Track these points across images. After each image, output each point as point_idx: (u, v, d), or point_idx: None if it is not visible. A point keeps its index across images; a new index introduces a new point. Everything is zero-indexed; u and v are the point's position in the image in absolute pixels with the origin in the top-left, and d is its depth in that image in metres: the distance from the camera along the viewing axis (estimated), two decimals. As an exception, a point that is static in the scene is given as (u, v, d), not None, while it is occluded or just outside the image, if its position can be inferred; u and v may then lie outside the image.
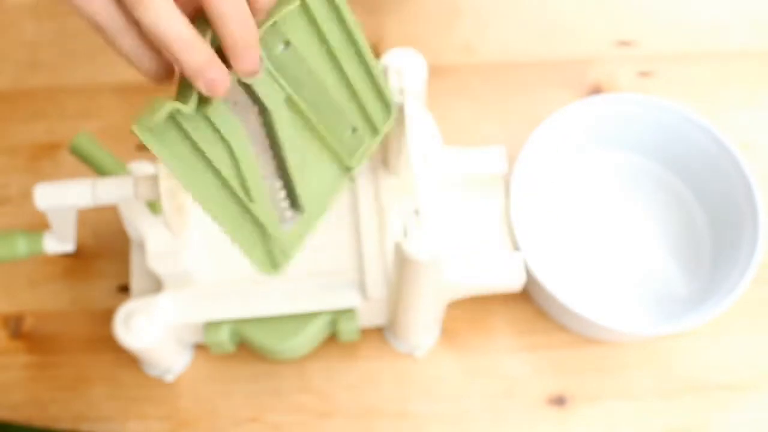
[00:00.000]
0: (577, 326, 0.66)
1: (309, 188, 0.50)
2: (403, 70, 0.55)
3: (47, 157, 0.73)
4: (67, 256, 0.70)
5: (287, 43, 0.46)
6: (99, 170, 0.57)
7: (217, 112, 0.43)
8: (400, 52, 0.56)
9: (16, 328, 0.68)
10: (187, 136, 0.43)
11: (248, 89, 0.45)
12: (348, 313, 0.61)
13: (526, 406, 0.65)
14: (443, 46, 0.77)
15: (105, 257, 0.70)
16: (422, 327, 0.63)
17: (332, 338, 0.66)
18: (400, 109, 0.55)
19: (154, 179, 0.52)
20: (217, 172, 0.45)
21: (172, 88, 0.42)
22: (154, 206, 0.58)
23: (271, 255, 0.50)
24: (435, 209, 0.52)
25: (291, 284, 0.60)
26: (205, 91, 0.41)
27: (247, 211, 0.47)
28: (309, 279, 0.60)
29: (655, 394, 0.65)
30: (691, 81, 0.76)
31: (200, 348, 0.67)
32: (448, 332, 0.67)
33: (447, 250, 0.52)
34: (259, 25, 0.43)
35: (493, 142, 0.73)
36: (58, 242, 0.56)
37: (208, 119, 0.43)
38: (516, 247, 0.62)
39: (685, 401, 0.65)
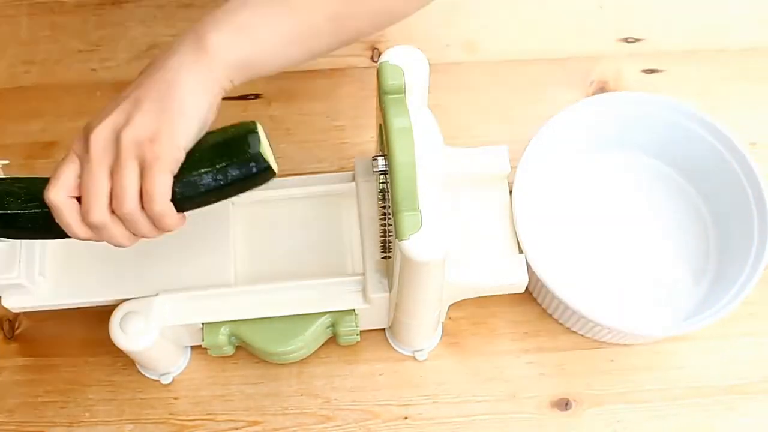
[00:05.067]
0: (583, 328, 0.65)
1: None
2: (405, 67, 0.55)
3: (42, 156, 0.73)
4: (62, 257, 0.69)
5: None
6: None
7: None
8: (402, 49, 0.55)
9: (10, 330, 0.67)
10: None
11: None
12: (348, 314, 0.60)
13: (530, 409, 0.65)
14: (445, 44, 0.77)
15: (101, 258, 0.69)
16: (424, 329, 0.63)
17: (333, 340, 0.65)
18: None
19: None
20: None
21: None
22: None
23: None
24: (437, 209, 0.52)
25: (291, 286, 0.60)
26: None
27: None
28: (309, 280, 0.60)
29: (662, 397, 0.65)
30: (698, 78, 0.75)
31: (198, 350, 0.66)
32: (451, 334, 0.67)
33: (449, 251, 0.52)
34: None
35: (496, 141, 0.72)
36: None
37: None
38: (519, 248, 0.61)
39: (692, 404, 0.65)
